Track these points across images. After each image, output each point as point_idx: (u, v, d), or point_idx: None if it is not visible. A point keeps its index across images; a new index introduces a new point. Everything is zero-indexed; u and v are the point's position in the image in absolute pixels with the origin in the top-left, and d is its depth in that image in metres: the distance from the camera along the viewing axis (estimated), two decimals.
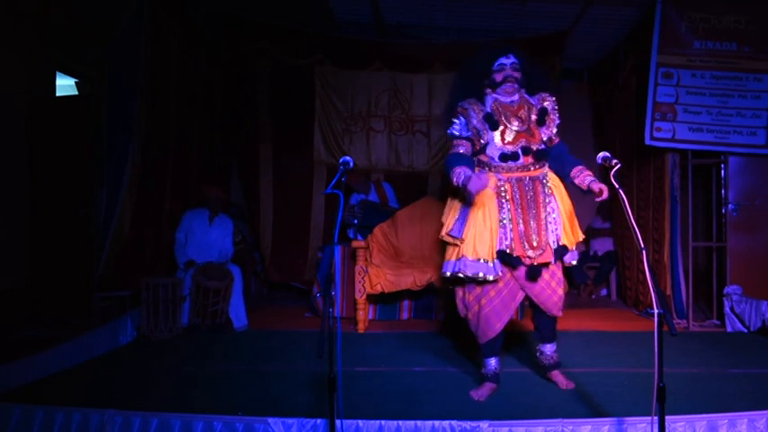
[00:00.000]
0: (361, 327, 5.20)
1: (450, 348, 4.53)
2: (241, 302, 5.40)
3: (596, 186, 3.16)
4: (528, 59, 3.45)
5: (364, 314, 5.25)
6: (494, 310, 3.31)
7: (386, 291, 5.19)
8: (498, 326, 3.33)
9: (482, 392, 3.31)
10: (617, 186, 2.93)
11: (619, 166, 2.84)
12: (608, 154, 2.97)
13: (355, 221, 5.71)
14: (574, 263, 3.38)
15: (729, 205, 5.46)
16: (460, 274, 3.25)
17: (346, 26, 7.32)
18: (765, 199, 5.46)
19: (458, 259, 3.27)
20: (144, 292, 4.88)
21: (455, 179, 3.18)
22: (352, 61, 7.30)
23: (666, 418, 2.36)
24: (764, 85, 5.28)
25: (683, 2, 5.33)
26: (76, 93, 6.87)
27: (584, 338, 4.82)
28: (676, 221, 5.54)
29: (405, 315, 5.80)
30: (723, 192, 5.54)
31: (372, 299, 5.51)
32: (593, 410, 3.03)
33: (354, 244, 5.34)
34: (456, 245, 3.30)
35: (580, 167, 3.32)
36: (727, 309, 5.23)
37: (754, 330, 4.99)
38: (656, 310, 2.35)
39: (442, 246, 3.51)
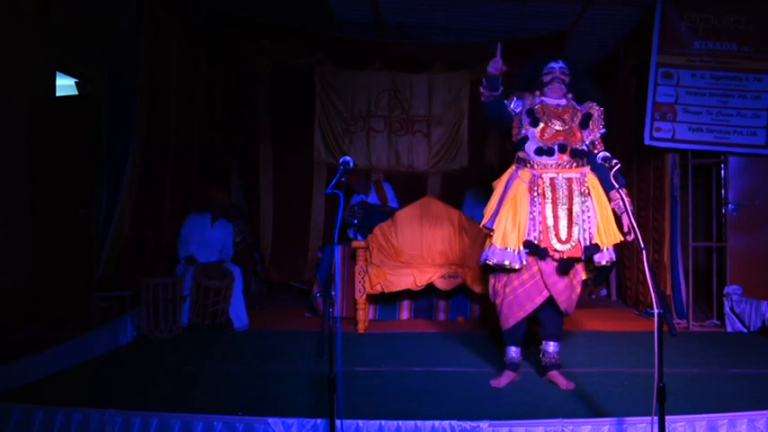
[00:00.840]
0: (361, 327, 5.20)
1: (450, 348, 4.53)
2: (241, 302, 5.40)
3: (624, 223, 3.37)
4: (579, 69, 3.58)
5: (364, 314, 5.25)
6: (516, 299, 3.41)
7: (386, 291, 5.20)
8: (519, 314, 3.42)
9: (501, 381, 3.48)
10: (617, 186, 2.94)
11: (619, 166, 2.85)
12: (608, 154, 2.98)
13: (355, 221, 5.71)
14: (604, 263, 3.40)
15: (729, 205, 5.46)
16: (489, 262, 3.39)
17: (346, 26, 7.32)
18: (765, 199, 5.46)
19: (488, 248, 3.42)
20: (144, 292, 4.88)
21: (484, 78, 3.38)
22: (352, 61, 7.30)
23: (666, 418, 2.36)
24: (764, 85, 5.28)
25: (683, 2, 5.33)
26: (76, 93, 6.87)
27: (584, 338, 4.83)
28: (676, 221, 5.54)
29: (405, 315, 5.81)
30: (723, 192, 5.54)
31: (372, 299, 5.51)
32: (593, 410, 3.03)
33: (354, 244, 5.34)
34: (490, 236, 3.44)
35: (615, 192, 3.36)
36: (727, 309, 5.23)
37: (754, 330, 4.99)
38: (656, 310, 2.35)
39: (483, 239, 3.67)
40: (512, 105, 3.50)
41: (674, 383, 2.79)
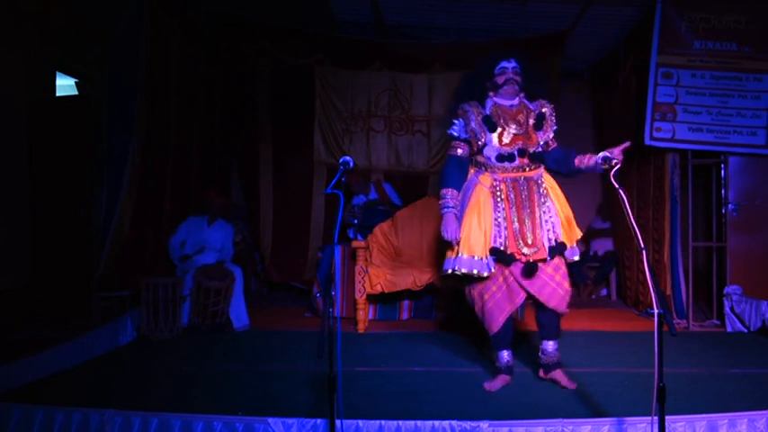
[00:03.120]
0: (361, 327, 5.20)
1: (450, 348, 4.53)
2: (242, 302, 5.40)
3: (610, 152, 3.07)
4: (530, 66, 3.54)
5: (364, 314, 5.25)
6: (496, 304, 3.40)
7: (386, 291, 5.19)
8: (501, 318, 3.41)
9: (495, 384, 3.44)
10: (617, 186, 2.93)
11: (619, 166, 2.85)
12: (608, 154, 2.98)
13: (355, 221, 5.71)
14: (576, 258, 3.43)
15: (729, 205, 5.46)
16: (457, 272, 3.36)
17: (346, 26, 7.31)
18: (765, 199, 5.46)
19: (456, 257, 3.38)
20: (144, 292, 4.88)
21: (441, 203, 3.45)
22: (352, 61, 7.30)
23: (666, 418, 2.36)
24: (764, 85, 5.28)
25: (683, 2, 5.33)
26: (76, 93, 6.87)
27: (584, 338, 4.82)
28: (676, 221, 5.54)
29: (405, 315, 5.80)
30: (723, 192, 5.54)
31: (372, 299, 5.51)
32: (593, 410, 3.03)
33: (354, 244, 5.34)
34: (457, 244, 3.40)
35: (581, 155, 3.34)
36: (727, 309, 5.23)
37: (754, 330, 4.99)
38: (656, 310, 2.35)
39: (442, 246, 3.58)
40: (455, 133, 3.51)
41: (674, 383, 2.79)
